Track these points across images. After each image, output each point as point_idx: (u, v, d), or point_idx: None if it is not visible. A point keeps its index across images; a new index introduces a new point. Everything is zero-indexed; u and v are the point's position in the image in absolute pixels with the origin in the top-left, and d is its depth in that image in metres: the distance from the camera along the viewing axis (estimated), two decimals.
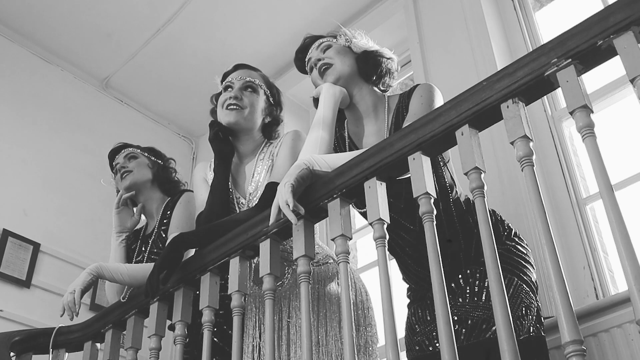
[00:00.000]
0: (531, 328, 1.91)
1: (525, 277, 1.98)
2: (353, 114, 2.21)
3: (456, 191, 2.05)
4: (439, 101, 2.04)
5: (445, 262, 1.89)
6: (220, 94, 2.49)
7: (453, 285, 1.98)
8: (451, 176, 2.06)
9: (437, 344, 1.95)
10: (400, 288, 2.23)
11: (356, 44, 2.23)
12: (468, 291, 1.97)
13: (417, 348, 2.05)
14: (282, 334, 2.17)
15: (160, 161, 2.91)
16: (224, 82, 2.50)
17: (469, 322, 1.91)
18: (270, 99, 2.50)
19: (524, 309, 1.91)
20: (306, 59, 2.29)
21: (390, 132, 2.09)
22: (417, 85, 2.12)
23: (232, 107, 2.39)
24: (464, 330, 1.91)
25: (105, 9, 4.28)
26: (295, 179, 1.80)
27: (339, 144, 2.23)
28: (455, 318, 1.92)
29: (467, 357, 1.81)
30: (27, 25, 4.36)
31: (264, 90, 2.48)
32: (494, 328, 1.82)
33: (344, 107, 2.20)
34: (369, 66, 2.19)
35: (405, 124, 1.95)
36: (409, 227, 2.04)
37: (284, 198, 1.77)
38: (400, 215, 2.02)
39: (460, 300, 1.96)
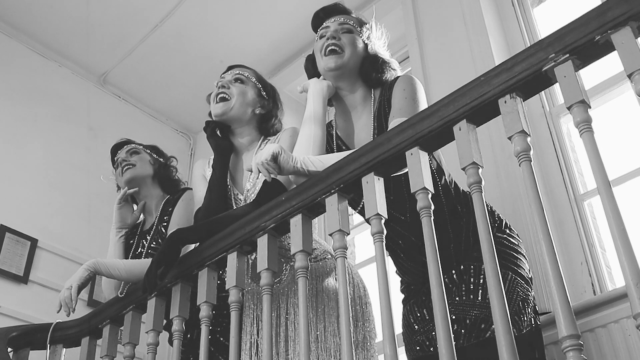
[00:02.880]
0: (532, 320, 1.90)
1: (519, 270, 1.95)
2: (340, 106, 2.20)
3: (445, 178, 2.02)
4: (421, 93, 2.03)
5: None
6: None
7: (447, 280, 1.95)
8: (438, 163, 2.03)
9: None
10: (399, 285, 2.23)
11: (373, 45, 2.19)
12: (464, 289, 1.94)
13: (418, 348, 2.02)
14: (280, 331, 2.17)
15: (161, 159, 2.92)
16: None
17: (467, 321, 1.89)
18: (263, 93, 2.51)
19: (520, 302, 1.89)
20: (324, 24, 2.22)
21: (374, 124, 2.08)
22: (398, 77, 2.10)
23: (220, 95, 2.42)
24: (462, 330, 1.88)
25: (103, 5, 4.27)
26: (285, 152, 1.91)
27: (328, 142, 2.21)
28: (453, 317, 1.89)
29: (469, 358, 1.80)
30: (24, 21, 4.35)
31: (254, 83, 2.50)
32: (493, 327, 1.81)
33: (329, 96, 2.18)
34: (373, 70, 2.16)
35: (391, 119, 1.95)
36: (399, 218, 2.02)
37: (264, 156, 1.90)
38: (390, 206, 1.97)
39: (457, 298, 1.93)
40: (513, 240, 2.02)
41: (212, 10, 4.33)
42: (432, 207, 1.58)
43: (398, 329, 1.94)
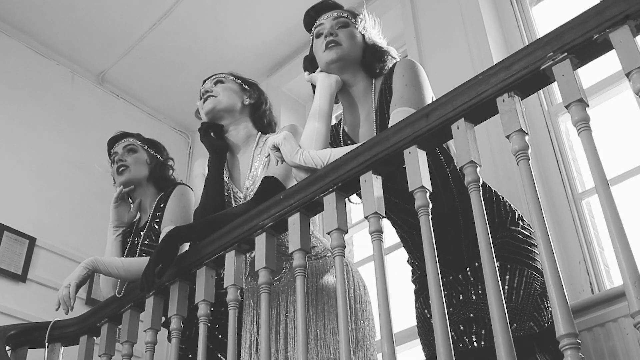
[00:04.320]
0: (551, 314, 1.84)
1: (534, 264, 1.87)
2: (346, 99, 2.18)
3: (454, 164, 1.96)
4: (422, 77, 2.00)
5: (449, 249, 1.88)
6: None
7: (460, 276, 1.91)
8: (446, 149, 1.98)
9: (464, 340, 1.85)
10: (397, 283, 2.23)
11: (370, 35, 2.18)
12: (480, 286, 1.87)
13: None
14: (279, 329, 2.17)
15: (158, 156, 2.90)
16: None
17: (486, 320, 1.81)
18: (245, 86, 2.60)
19: (538, 297, 1.82)
20: (318, 22, 2.21)
21: (376, 114, 2.07)
22: (396, 62, 2.07)
23: (207, 95, 2.51)
24: (483, 331, 1.82)
25: (101, 3, 4.27)
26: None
27: (334, 138, 2.20)
28: (471, 315, 1.84)
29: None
30: (23, 19, 4.34)
31: (234, 80, 2.60)
32: (515, 325, 1.74)
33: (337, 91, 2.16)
34: (374, 60, 2.15)
35: (392, 108, 1.92)
36: (410, 209, 2.00)
37: (271, 142, 1.99)
38: (402, 198, 1.96)
39: (474, 297, 1.87)
40: (527, 233, 1.95)
41: (210, 9, 4.33)
42: (430, 206, 1.58)
43: (396, 327, 1.94)
